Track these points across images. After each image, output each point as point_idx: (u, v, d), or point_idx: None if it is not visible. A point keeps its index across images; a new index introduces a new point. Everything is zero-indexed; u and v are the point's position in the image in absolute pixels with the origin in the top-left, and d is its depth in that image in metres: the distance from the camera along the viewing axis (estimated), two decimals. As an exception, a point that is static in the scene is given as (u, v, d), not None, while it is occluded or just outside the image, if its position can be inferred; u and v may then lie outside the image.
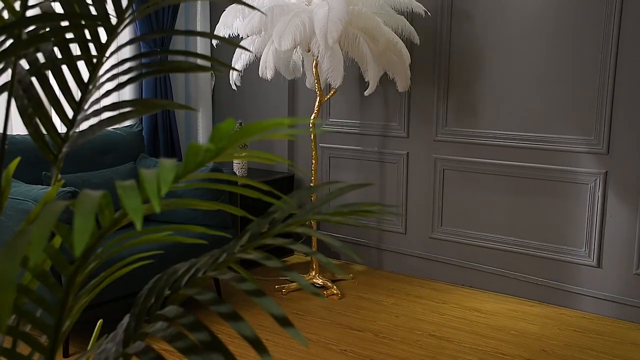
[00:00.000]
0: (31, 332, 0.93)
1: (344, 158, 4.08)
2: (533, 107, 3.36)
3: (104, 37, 0.98)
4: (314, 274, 3.65)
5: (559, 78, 3.27)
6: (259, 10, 1.03)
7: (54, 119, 0.99)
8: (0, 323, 0.53)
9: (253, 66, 3.45)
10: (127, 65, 0.96)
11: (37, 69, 0.96)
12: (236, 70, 3.45)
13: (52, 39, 0.93)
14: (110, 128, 3.37)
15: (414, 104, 3.76)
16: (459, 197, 3.68)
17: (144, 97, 4.01)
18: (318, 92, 3.50)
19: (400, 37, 3.34)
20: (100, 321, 1.18)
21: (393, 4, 3.40)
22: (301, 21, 3.01)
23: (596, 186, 3.22)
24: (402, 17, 3.45)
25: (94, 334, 1.13)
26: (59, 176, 1.03)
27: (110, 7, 0.98)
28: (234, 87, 3.53)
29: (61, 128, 2.33)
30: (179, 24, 4.19)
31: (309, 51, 3.27)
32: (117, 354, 0.81)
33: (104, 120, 0.93)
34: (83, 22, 0.96)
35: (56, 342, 0.85)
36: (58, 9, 1.00)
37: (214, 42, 4.03)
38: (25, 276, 0.95)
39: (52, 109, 1.02)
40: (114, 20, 0.96)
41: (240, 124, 4.06)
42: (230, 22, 3.28)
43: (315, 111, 3.53)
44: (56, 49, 0.98)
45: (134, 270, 1.06)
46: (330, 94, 3.56)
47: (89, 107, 0.99)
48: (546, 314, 3.30)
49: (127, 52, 3.78)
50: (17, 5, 0.92)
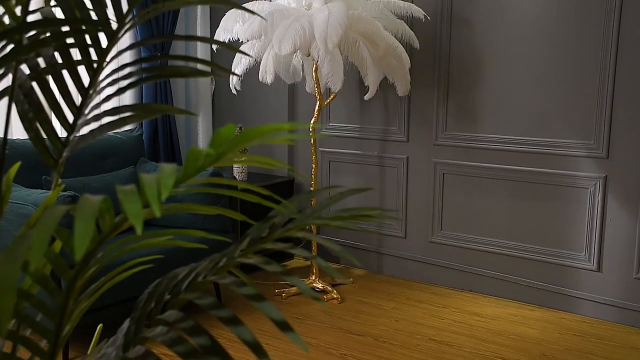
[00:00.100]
0: (31, 337, 0.93)
1: (343, 162, 4.08)
2: (533, 111, 3.37)
3: (104, 42, 0.98)
4: (314, 278, 3.65)
5: (559, 82, 3.27)
6: (259, 15, 1.03)
7: (54, 124, 0.99)
8: (0, 327, 0.53)
9: (253, 70, 3.45)
10: (127, 70, 0.97)
11: (37, 74, 0.96)
12: (236, 74, 3.45)
13: (53, 43, 0.94)
14: (110, 132, 3.37)
15: (413, 109, 3.77)
16: (458, 201, 3.68)
17: (144, 101, 4.01)
18: (318, 97, 3.50)
19: (400, 42, 3.35)
20: (100, 325, 1.18)
21: (393, 8, 3.41)
22: (301, 26, 3.02)
23: (596, 190, 3.22)
24: (402, 21, 3.46)
25: (94, 339, 1.13)
26: (59, 180, 1.03)
27: (110, 12, 0.98)
28: (234, 91, 3.54)
29: (61, 132, 2.33)
30: (179, 29, 4.20)
31: (308, 55, 3.27)
32: (117, 358, 0.81)
33: (104, 124, 0.93)
34: (84, 27, 0.96)
35: (56, 346, 0.85)
36: (59, 14, 1.01)
37: (214, 46, 4.03)
38: (26, 281, 0.95)
39: (53, 113, 1.02)
40: (114, 25, 0.96)
41: (240, 128, 4.06)
42: (231, 27, 3.29)
43: (315, 115, 3.54)
44: (57, 53, 0.98)
45: (134, 275, 1.06)
46: (330, 98, 3.56)
47: (90, 112, 0.99)
48: (546, 318, 3.29)
49: (127, 57, 3.78)
50: (18, 11, 0.93)
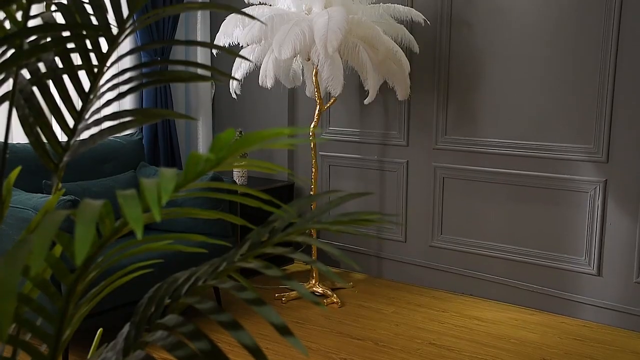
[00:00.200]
0: (31, 341, 0.93)
1: (343, 166, 4.08)
2: (532, 115, 3.37)
3: (105, 46, 0.99)
4: (314, 282, 3.65)
5: (558, 86, 3.28)
6: (259, 20, 1.04)
7: (54, 128, 1.00)
8: (1, 332, 0.53)
9: (253, 75, 3.45)
10: (127, 75, 0.97)
11: (38, 79, 0.97)
12: (236, 79, 3.46)
13: (54, 48, 0.94)
14: (110, 136, 3.38)
15: (413, 113, 3.77)
16: (458, 205, 3.68)
17: (144, 106, 4.02)
18: (318, 101, 3.51)
19: (399, 46, 3.36)
20: (100, 330, 1.18)
21: (393, 13, 3.42)
22: (301, 30, 3.02)
23: (596, 194, 3.22)
24: (402, 26, 3.47)
25: (94, 343, 1.13)
26: (60, 185, 1.03)
27: (111, 17, 0.98)
28: (234, 95, 3.54)
29: (62, 137, 2.33)
30: (180, 33, 4.21)
31: (308, 60, 3.28)
32: (117, 362, 0.81)
33: (104, 129, 0.94)
34: (84, 32, 0.97)
35: (56, 351, 0.85)
36: (60, 19, 1.01)
37: (214, 51, 4.04)
38: (26, 285, 0.95)
39: (53, 118, 1.02)
40: (114, 30, 0.96)
41: (240, 132, 4.06)
42: (231, 31, 3.29)
43: (315, 120, 3.54)
44: (57, 58, 0.99)
45: (134, 279, 1.07)
46: (330, 102, 3.56)
47: (90, 117, 0.99)
48: (546, 323, 3.29)
49: (127, 61, 3.79)
50: (19, 16, 0.93)
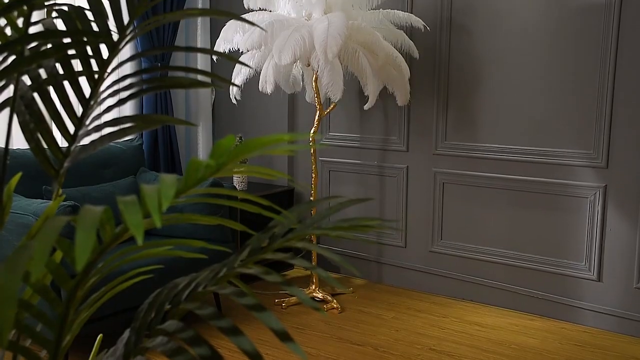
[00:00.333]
0: (31, 347, 0.93)
1: (343, 172, 4.09)
2: (532, 121, 3.37)
3: (105, 53, 0.99)
4: (314, 287, 3.64)
5: (558, 92, 3.28)
6: (258, 27, 1.04)
7: (55, 134, 1.00)
8: (1, 338, 0.54)
9: (253, 80, 3.46)
10: (128, 81, 0.97)
11: (39, 85, 0.97)
12: (236, 85, 3.46)
13: (54, 55, 0.94)
14: (110, 142, 3.38)
15: (413, 118, 3.77)
16: (458, 210, 3.68)
17: (144, 111, 4.02)
18: (318, 106, 3.51)
19: (399, 52, 3.36)
20: (100, 335, 1.18)
21: (392, 18, 3.42)
22: (301, 36, 3.03)
23: (596, 200, 3.22)
24: (402, 31, 3.48)
25: (94, 349, 1.13)
26: (60, 191, 1.03)
27: (111, 24, 0.99)
28: (234, 101, 3.54)
29: (62, 143, 2.33)
30: (180, 39, 4.21)
31: (308, 65, 3.28)
32: (117, 368, 0.81)
33: (105, 135, 0.94)
34: (85, 39, 0.97)
35: (56, 356, 0.85)
36: (60, 25, 1.01)
37: (215, 57, 4.05)
38: (26, 291, 0.95)
39: (54, 124, 1.03)
40: (115, 37, 0.97)
41: (241, 137, 4.06)
42: (231, 37, 3.30)
43: (315, 125, 3.54)
44: (58, 65, 0.99)
45: (134, 285, 1.07)
46: (330, 108, 3.57)
47: (91, 123, 0.99)
48: (547, 328, 3.29)
49: (128, 68, 3.80)
50: (20, 22, 0.93)
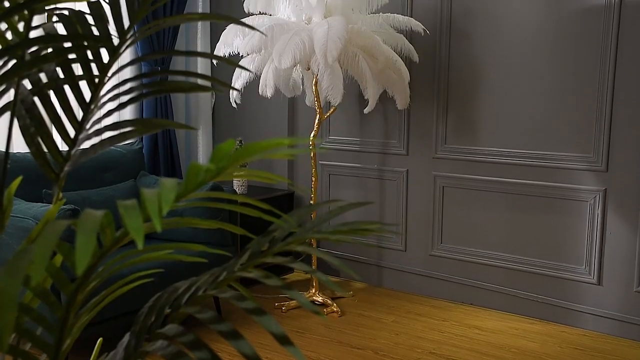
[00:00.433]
0: (31, 351, 0.93)
1: (343, 175, 4.09)
2: (532, 124, 3.38)
3: (105, 57, 0.99)
4: (314, 291, 3.64)
5: (557, 95, 3.28)
6: (258, 31, 1.04)
7: (55, 138, 1.00)
8: (1, 342, 0.54)
9: (253, 84, 3.46)
10: (128, 85, 0.97)
11: (39, 89, 0.97)
12: (236, 89, 3.47)
13: (55, 59, 0.94)
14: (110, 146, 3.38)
15: (413, 122, 3.78)
16: (458, 214, 3.68)
17: (144, 115, 4.02)
18: (318, 110, 3.52)
19: (399, 56, 3.37)
20: (100, 339, 1.18)
21: (392, 22, 3.43)
22: (301, 40, 3.03)
23: (596, 203, 3.22)
24: (402, 35, 3.48)
25: (94, 353, 1.13)
26: (60, 194, 1.03)
27: (112, 28, 0.99)
28: (234, 105, 3.55)
29: (62, 146, 2.34)
30: (180, 43, 4.22)
31: (308, 69, 3.29)
32: (117, 372, 0.81)
33: (105, 139, 0.94)
34: (85, 43, 0.97)
35: (56, 360, 0.85)
36: (61, 30, 1.02)
37: (215, 60, 4.05)
38: (26, 295, 0.95)
39: (54, 128, 1.03)
40: (115, 41, 0.97)
41: (241, 141, 4.07)
42: (231, 41, 3.31)
43: (315, 129, 3.55)
44: (59, 69, 0.99)
45: (134, 289, 1.07)
46: (330, 111, 3.57)
47: (91, 127, 0.99)
48: (547, 332, 3.28)
49: (128, 72, 3.79)
50: (20, 27, 0.93)
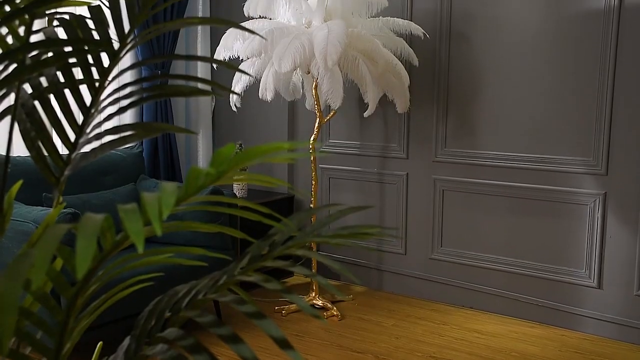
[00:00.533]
0: (31, 355, 0.93)
1: (343, 179, 4.09)
2: (532, 128, 3.38)
3: (106, 61, 0.99)
4: (314, 295, 3.64)
5: (557, 99, 3.29)
6: (258, 35, 1.05)
7: (55, 142, 1.00)
8: (2, 346, 0.54)
9: (253, 88, 3.46)
10: (128, 90, 0.98)
11: (40, 93, 0.97)
12: (236, 93, 3.47)
13: (55, 63, 0.95)
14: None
15: (413, 125, 3.78)
16: (458, 217, 3.68)
17: (144, 118, 4.03)
18: (318, 114, 3.52)
19: (399, 59, 3.37)
20: (100, 343, 1.18)
21: (392, 26, 3.43)
22: (301, 43, 3.04)
23: (595, 207, 3.23)
24: (401, 39, 3.48)
25: (94, 356, 1.13)
26: (61, 198, 1.03)
27: (112, 32, 0.99)
28: (234, 108, 3.55)
29: (62, 150, 2.33)
30: (180, 47, 4.22)
31: (308, 73, 3.29)
32: (117, 376, 0.81)
33: (105, 143, 0.94)
34: (86, 47, 0.98)
35: (56, 364, 0.85)
36: (61, 34, 1.02)
37: (214, 64, 4.05)
38: (26, 298, 0.95)
39: (54, 131, 1.03)
40: (116, 45, 0.97)
41: (241, 145, 4.07)
42: (231, 45, 3.31)
43: (315, 132, 3.55)
44: (59, 73, 0.99)
45: (134, 292, 1.07)
46: (330, 115, 3.57)
47: (91, 131, 1.00)
48: (547, 335, 3.28)
49: (128, 76, 3.80)
50: (21, 31, 0.94)
